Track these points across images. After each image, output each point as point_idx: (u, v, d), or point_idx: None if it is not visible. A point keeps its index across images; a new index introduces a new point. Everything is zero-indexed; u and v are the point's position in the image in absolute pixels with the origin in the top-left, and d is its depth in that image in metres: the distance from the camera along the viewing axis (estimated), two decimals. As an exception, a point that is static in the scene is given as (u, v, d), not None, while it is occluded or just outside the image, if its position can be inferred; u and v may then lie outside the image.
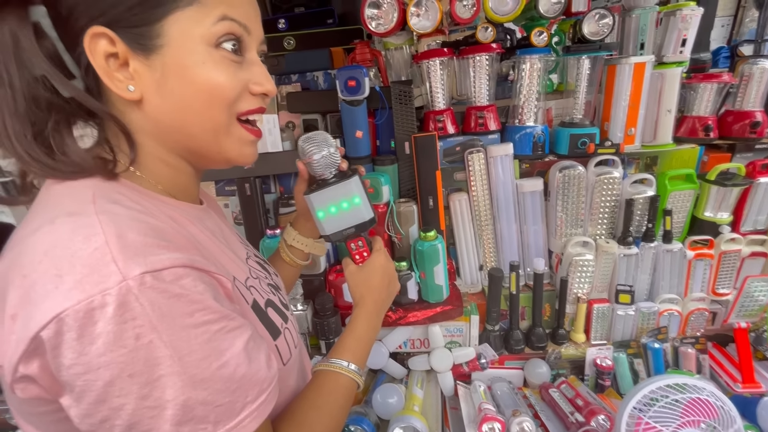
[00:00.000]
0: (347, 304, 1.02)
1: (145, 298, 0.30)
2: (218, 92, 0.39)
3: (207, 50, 0.38)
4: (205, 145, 0.42)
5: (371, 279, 0.61)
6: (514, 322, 1.01)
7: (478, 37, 0.97)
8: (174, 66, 0.37)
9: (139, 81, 0.38)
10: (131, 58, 0.37)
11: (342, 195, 0.57)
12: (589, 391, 0.92)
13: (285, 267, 0.70)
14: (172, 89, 0.38)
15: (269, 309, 0.47)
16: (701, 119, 1.00)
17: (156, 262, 0.31)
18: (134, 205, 0.36)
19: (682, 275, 0.99)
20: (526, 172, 1.06)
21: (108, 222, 0.32)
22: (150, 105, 0.39)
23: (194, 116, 0.40)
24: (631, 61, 0.94)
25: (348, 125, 1.01)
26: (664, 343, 0.97)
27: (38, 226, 0.33)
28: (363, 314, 0.59)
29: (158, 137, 0.41)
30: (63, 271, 0.30)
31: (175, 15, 0.37)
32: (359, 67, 0.96)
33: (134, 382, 0.30)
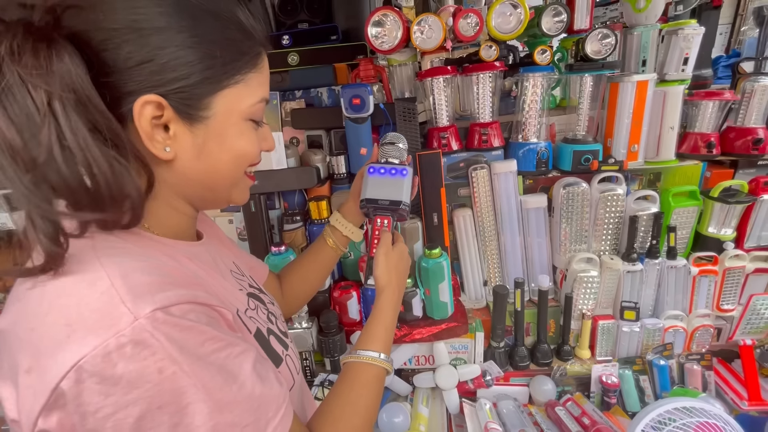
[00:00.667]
0: (352, 320, 1.02)
1: (160, 334, 0.31)
2: (246, 158, 0.44)
3: (243, 123, 0.42)
4: (219, 196, 0.46)
5: (398, 266, 0.63)
6: (519, 338, 1.01)
7: (482, 55, 0.98)
8: (215, 135, 0.40)
9: (175, 143, 0.39)
10: (173, 122, 0.38)
11: (394, 174, 0.66)
12: (595, 409, 0.92)
13: (324, 253, 0.73)
14: (209, 154, 0.41)
15: (271, 337, 0.48)
16: (703, 136, 1.00)
17: (164, 299, 0.32)
18: (134, 248, 0.37)
19: (686, 291, 0.99)
20: (530, 188, 1.06)
21: (111, 265, 0.33)
22: (181, 164, 0.41)
23: (221, 176, 0.43)
24: (633, 79, 0.95)
25: (352, 142, 1.02)
26: (670, 359, 0.97)
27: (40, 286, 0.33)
28: (389, 302, 0.60)
29: (179, 190, 0.43)
30: (72, 320, 0.30)
31: (225, 91, 0.40)
32: (364, 85, 0.97)
33: (164, 412, 0.31)
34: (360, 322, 1.02)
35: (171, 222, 0.44)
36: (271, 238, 1.07)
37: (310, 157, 1.04)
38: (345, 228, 0.73)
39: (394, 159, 0.68)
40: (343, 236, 0.73)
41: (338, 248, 0.74)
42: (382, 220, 0.66)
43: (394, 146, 0.69)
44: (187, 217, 0.46)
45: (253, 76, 0.42)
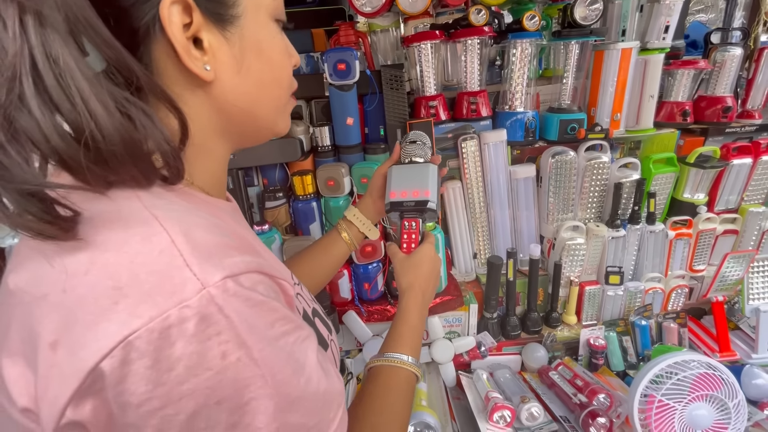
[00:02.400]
0: (344, 300, 0.97)
1: (230, 308, 0.25)
2: (286, 70, 0.38)
3: (272, 24, 0.36)
4: (264, 125, 0.39)
5: (421, 267, 0.59)
6: (510, 308, 1.02)
7: (471, 19, 0.94)
8: (251, 40, 0.34)
9: (213, 59, 0.32)
10: (205, 30, 0.31)
11: (419, 173, 0.63)
12: (585, 371, 0.95)
13: (337, 248, 0.69)
14: (249, 67, 0.34)
15: (316, 319, 0.42)
16: (679, 104, 1.04)
17: (233, 265, 0.26)
18: (186, 204, 0.30)
19: (663, 254, 1.04)
20: (518, 158, 1.05)
21: (167, 219, 0.26)
22: (222, 87, 0.33)
23: (267, 96, 0.37)
24: (618, 47, 0.96)
25: (338, 112, 0.95)
26: (649, 319, 1.02)
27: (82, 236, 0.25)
28: (414, 303, 0.56)
29: (217, 123, 0.35)
30: (122, 282, 0.23)
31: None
32: (349, 49, 0.91)
33: (222, 409, 0.25)
34: (352, 300, 0.98)
35: (208, 172, 0.37)
36: (251, 218, 0.99)
37: (291, 129, 0.96)
38: (362, 225, 0.69)
39: (419, 158, 0.65)
40: (360, 232, 0.69)
41: (352, 243, 0.69)
42: (410, 223, 0.62)
43: (417, 144, 0.66)
44: (221, 164, 0.39)
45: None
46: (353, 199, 0.96)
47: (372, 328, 0.96)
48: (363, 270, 0.96)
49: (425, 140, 0.68)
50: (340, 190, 0.94)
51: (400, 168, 0.65)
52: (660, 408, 0.63)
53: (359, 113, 1.02)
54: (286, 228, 0.99)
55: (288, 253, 0.92)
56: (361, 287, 0.97)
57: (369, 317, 0.96)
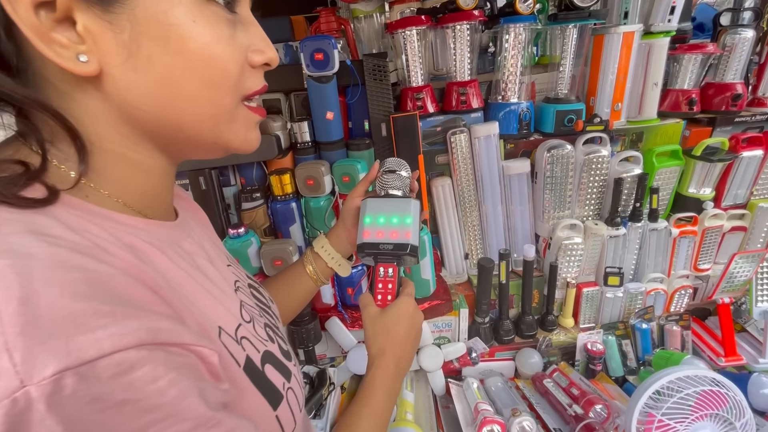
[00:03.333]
0: (326, 305, 0.92)
1: (60, 417, 0.18)
2: (219, 66, 0.28)
3: (196, 6, 0.27)
4: (198, 136, 0.31)
5: (396, 327, 0.48)
6: (503, 312, 0.96)
7: (459, 3, 0.87)
8: (151, 22, 0.25)
9: (94, 46, 0.25)
10: (78, 10, 0.24)
11: (397, 210, 0.53)
12: (582, 378, 0.90)
13: (301, 282, 0.60)
14: (149, 58, 0.26)
15: (267, 366, 0.35)
16: (685, 93, 0.97)
17: (87, 346, 0.19)
18: (69, 235, 0.23)
19: (666, 253, 0.98)
20: (511, 152, 0.99)
21: (9, 274, 0.19)
22: (115, 82, 0.26)
23: (185, 99, 0.28)
24: (620, 31, 0.88)
25: (317, 105, 0.89)
26: (651, 322, 0.97)
27: None
28: (381, 378, 0.45)
29: (124, 128, 0.29)
30: None
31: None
32: (327, 37, 0.84)
33: None
34: (335, 306, 0.93)
35: (133, 185, 0.30)
36: (227, 220, 0.93)
37: (268, 124, 0.90)
38: (331, 259, 0.60)
39: (396, 191, 0.56)
40: (328, 267, 0.60)
41: (319, 279, 0.60)
42: (386, 269, 0.53)
43: (396, 175, 0.56)
44: (155, 176, 0.32)
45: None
46: (334, 200, 0.90)
47: (356, 335, 0.91)
48: (346, 274, 0.90)
49: (405, 170, 0.58)
50: (321, 190, 0.88)
51: (376, 201, 0.55)
52: (660, 428, 0.58)
53: (342, 107, 0.95)
54: (265, 230, 0.93)
55: (266, 258, 0.87)
56: (345, 292, 0.92)
57: (353, 323, 0.91)
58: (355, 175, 0.87)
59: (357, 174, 0.87)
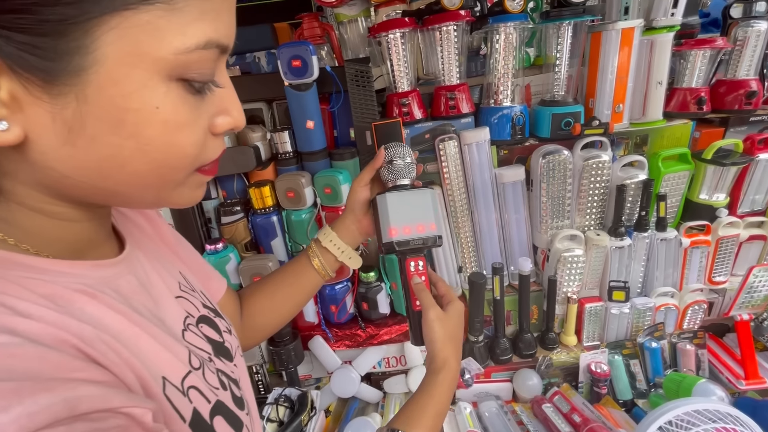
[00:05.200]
0: (309, 324, 0.88)
1: None
2: (177, 152, 0.26)
3: (164, 85, 0.23)
4: (137, 201, 0.29)
5: (458, 333, 0.49)
6: (499, 329, 0.90)
7: (444, 3, 0.82)
8: (104, 105, 0.22)
9: (20, 115, 0.22)
10: (6, 76, 0.21)
11: (417, 203, 0.52)
12: (585, 402, 0.83)
13: (307, 277, 0.56)
14: (94, 138, 0.23)
15: (216, 419, 0.31)
16: (693, 91, 0.89)
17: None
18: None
19: (677, 265, 0.90)
20: (505, 159, 0.93)
21: None
22: (44, 155, 0.23)
23: (132, 177, 0.25)
24: (618, 27, 0.82)
25: (296, 114, 0.85)
26: (661, 340, 0.89)
27: None
28: (449, 381, 0.46)
29: (45, 189, 0.26)
30: None
31: (120, 17, 0.21)
32: (304, 43, 0.80)
33: None
34: (318, 325, 0.88)
35: (49, 235, 0.27)
36: (207, 234, 0.90)
37: (247, 135, 0.87)
38: (341, 252, 0.56)
39: (405, 179, 0.54)
40: (337, 261, 0.57)
41: (326, 273, 0.57)
42: (416, 263, 0.52)
43: (404, 163, 0.53)
44: (85, 224, 0.29)
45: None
46: (317, 213, 0.86)
47: (341, 354, 0.86)
48: (329, 291, 0.86)
49: (409, 156, 0.55)
50: (302, 203, 0.84)
51: (394, 196, 0.52)
52: (666, 470, 0.52)
53: (326, 115, 0.92)
54: (247, 245, 0.89)
55: (245, 274, 0.83)
56: (328, 310, 0.87)
57: (337, 343, 0.86)
58: (337, 187, 0.83)
59: (338, 185, 0.82)
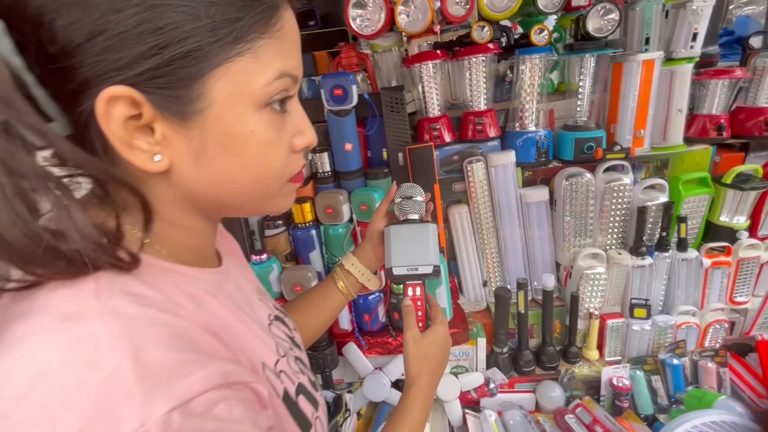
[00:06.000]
0: (343, 331, 0.94)
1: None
2: (269, 165, 0.33)
3: (255, 114, 0.31)
4: (243, 210, 0.38)
5: (434, 353, 0.55)
6: (523, 342, 0.94)
7: (474, 37, 0.89)
8: (217, 134, 0.30)
9: (167, 149, 0.30)
10: (159, 122, 0.28)
11: (417, 236, 0.60)
12: (606, 415, 0.86)
13: (332, 298, 0.65)
14: (212, 159, 0.31)
15: (300, 397, 0.39)
16: (713, 118, 0.93)
17: (184, 390, 0.24)
18: (151, 293, 0.28)
19: (698, 285, 0.93)
20: (529, 180, 0.99)
21: (119, 334, 0.24)
22: (180, 175, 0.31)
23: (242, 190, 0.33)
24: (639, 59, 0.88)
25: (336, 137, 0.93)
26: (683, 357, 0.92)
27: (22, 336, 0.24)
28: (420, 397, 0.53)
29: (183, 205, 0.34)
30: (57, 415, 0.22)
31: (222, 69, 0.29)
32: (345, 74, 0.88)
33: None
34: (352, 332, 0.94)
35: (185, 245, 0.35)
36: (251, 246, 0.98)
37: (290, 156, 0.95)
38: (361, 275, 0.65)
39: (414, 215, 0.62)
40: (358, 282, 0.65)
41: (350, 293, 0.65)
42: (414, 288, 0.60)
43: (412, 201, 0.63)
44: (202, 236, 0.37)
45: (264, 44, 0.30)
46: (352, 228, 0.93)
47: (373, 361, 0.92)
48: (363, 300, 0.92)
49: (420, 196, 0.64)
50: (339, 218, 0.91)
51: (398, 229, 0.61)
52: (685, 478, 0.55)
53: (361, 137, 0.99)
54: (287, 256, 0.97)
55: (286, 283, 0.90)
56: (362, 318, 0.93)
57: (370, 350, 0.92)
58: (371, 204, 0.89)
59: (373, 203, 0.89)
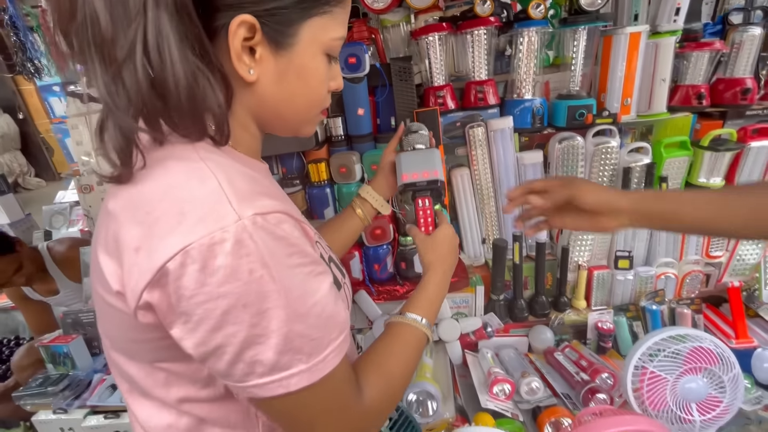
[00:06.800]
0: (355, 279, 1.04)
1: (257, 236, 0.33)
2: (319, 96, 0.45)
3: (321, 57, 0.43)
4: (289, 126, 0.48)
5: (440, 247, 0.65)
6: (518, 291, 1.04)
7: (476, 10, 0.98)
8: (297, 64, 0.41)
9: (259, 67, 0.40)
10: (261, 46, 0.39)
11: (425, 157, 0.70)
12: (591, 353, 0.96)
13: (352, 222, 0.77)
14: (288, 82, 0.42)
15: (332, 264, 0.49)
16: (694, 87, 1.02)
17: (263, 206, 0.34)
18: (227, 160, 0.39)
19: (677, 239, 1.03)
20: (526, 145, 1.07)
21: (216, 168, 0.35)
22: (262, 88, 0.42)
23: (296, 109, 0.45)
24: (626, 32, 0.96)
25: (349, 103, 1.02)
26: (662, 305, 1.01)
27: (148, 172, 0.35)
28: (432, 278, 0.63)
29: (253, 112, 0.44)
30: (185, 209, 0.33)
31: (313, 20, 0.40)
32: (359, 44, 0.97)
33: (247, 311, 0.33)
34: (363, 281, 1.04)
35: (245, 141, 0.45)
36: (271, 203, 1.07)
37: (307, 120, 1.04)
38: (375, 201, 0.76)
39: (421, 145, 0.73)
40: (373, 209, 0.76)
41: (366, 219, 0.77)
42: (423, 201, 0.69)
43: (418, 134, 0.74)
44: (257, 139, 0.48)
45: (338, 11, 0.42)
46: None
47: (382, 308, 1.01)
48: (373, 252, 1.01)
49: (424, 130, 0.75)
50: (352, 177, 1.00)
51: (408, 154, 0.72)
52: (652, 379, 0.65)
53: (371, 104, 1.08)
54: (303, 213, 1.06)
55: (304, 235, 0.99)
56: (372, 268, 1.03)
57: (379, 297, 1.02)
58: (382, 164, 0.98)
59: (384, 162, 0.98)
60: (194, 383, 0.40)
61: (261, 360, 0.35)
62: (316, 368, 0.37)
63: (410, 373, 0.53)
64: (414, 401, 0.81)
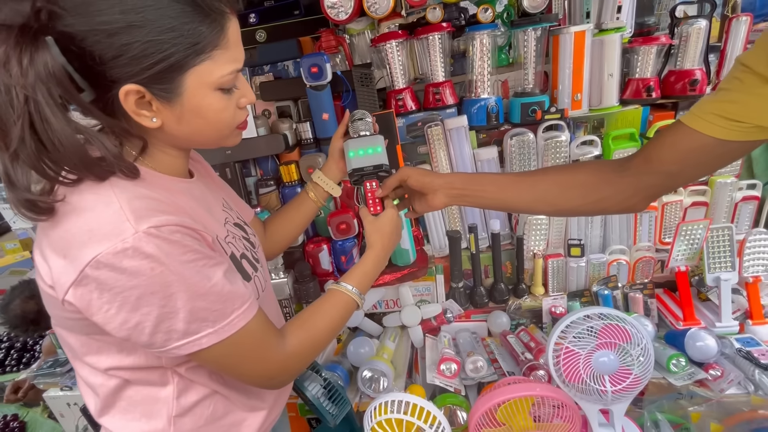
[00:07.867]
0: (324, 271, 1.13)
1: (153, 243, 0.43)
2: (223, 122, 0.53)
3: (214, 93, 0.50)
4: (209, 145, 0.57)
5: (384, 227, 0.73)
6: (477, 279, 1.11)
7: (428, 17, 1.04)
8: (190, 106, 0.49)
9: (160, 115, 0.48)
10: (155, 101, 0.47)
11: (369, 143, 0.76)
12: (544, 336, 1.02)
13: (306, 205, 0.84)
14: (188, 122, 0.50)
15: (243, 260, 0.60)
16: (643, 81, 1.06)
17: (157, 221, 0.44)
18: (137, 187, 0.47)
19: (630, 227, 1.07)
20: (484, 141, 1.14)
21: (120, 194, 0.45)
22: (169, 128, 0.50)
23: (206, 137, 0.54)
24: (571, 31, 1.01)
25: (315, 109, 1.11)
26: (615, 290, 1.06)
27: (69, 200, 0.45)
28: (372, 255, 0.71)
29: (171, 143, 0.54)
30: (93, 228, 0.43)
31: (192, 71, 0.47)
32: (320, 54, 1.05)
33: (155, 296, 0.44)
34: (332, 272, 1.13)
35: (167, 162, 0.55)
36: (249, 203, 1.17)
37: (278, 126, 1.13)
38: (326, 185, 0.84)
39: (365, 131, 0.79)
40: (324, 191, 0.84)
41: (318, 201, 0.85)
42: (370, 183, 0.76)
43: (362, 121, 0.80)
44: (180, 158, 0.57)
45: (218, 53, 0.47)
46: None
47: (349, 296, 1.10)
48: (340, 245, 1.10)
49: (368, 117, 0.82)
50: (319, 176, 1.09)
51: (355, 141, 0.78)
52: (567, 354, 0.71)
53: (338, 109, 1.16)
54: (276, 210, 1.16)
55: (276, 231, 1.09)
56: (339, 260, 1.12)
57: (347, 286, 1.10)
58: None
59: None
60: (120, 351, 0.51)
61: (175, 329, 0.46)
62: (222, 330, 0.49)
63: (334, 330, 0.63)
64: (368, 378, 0.90)
